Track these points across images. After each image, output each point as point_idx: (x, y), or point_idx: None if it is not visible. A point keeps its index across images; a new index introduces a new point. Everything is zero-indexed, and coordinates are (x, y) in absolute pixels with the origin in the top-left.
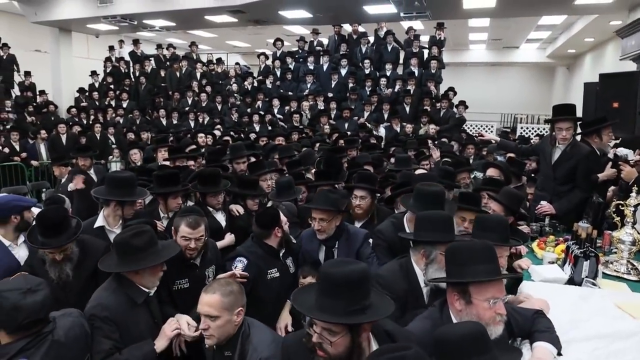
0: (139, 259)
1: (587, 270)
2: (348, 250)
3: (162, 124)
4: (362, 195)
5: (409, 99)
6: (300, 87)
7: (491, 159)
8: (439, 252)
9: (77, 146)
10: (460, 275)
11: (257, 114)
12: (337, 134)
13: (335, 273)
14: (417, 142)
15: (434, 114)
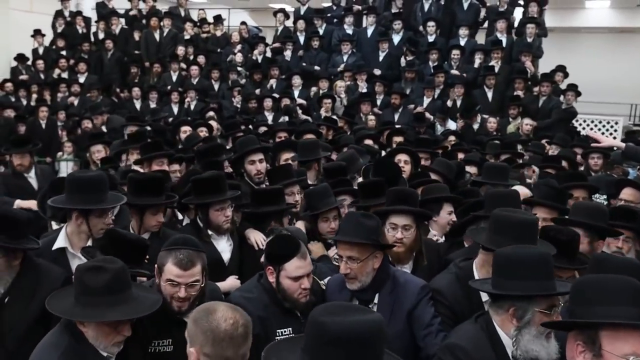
0: (93, 305)
1: None
2: (395, 307)
3: (134, 107)
4: (406, 224)
5: (492, 80)
6: (333, 60)
7: (619, 173)
8: (538, 309)
9: (11, 138)
10: (588, 317)
11: (270, 98)
12: (387, 131)
13: (331, 326)
14: (502, 145)
15: (530, 102)
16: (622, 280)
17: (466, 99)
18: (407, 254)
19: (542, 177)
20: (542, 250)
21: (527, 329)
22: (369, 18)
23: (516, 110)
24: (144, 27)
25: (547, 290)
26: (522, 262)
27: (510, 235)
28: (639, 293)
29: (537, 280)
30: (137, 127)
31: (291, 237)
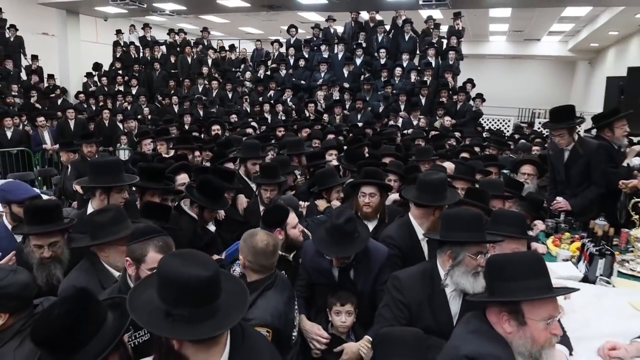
0: (106, 233)
1: (602, 269)
2: (367, 271)
3: (174, 111)
4: (372, 192)
5: (425, 91)
6: (314, 76)
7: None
8: (468, 254)
9: (81, 133)
10: (510, 293)
11: (268, 103)
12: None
13: (163, 267)
14: (436, 137)
15: (450, 106)
16: (528, 256)
17: (408, 104)
18: (373, 214)
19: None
20: (474, 212)
21: (458, 267)
22: (339, 46)
23: (442, 111)
24: (179, 53)
25: (475, 239)
26: (460, 218)
27: (429, 191)
28: (541, 266)
29: (469, 232)
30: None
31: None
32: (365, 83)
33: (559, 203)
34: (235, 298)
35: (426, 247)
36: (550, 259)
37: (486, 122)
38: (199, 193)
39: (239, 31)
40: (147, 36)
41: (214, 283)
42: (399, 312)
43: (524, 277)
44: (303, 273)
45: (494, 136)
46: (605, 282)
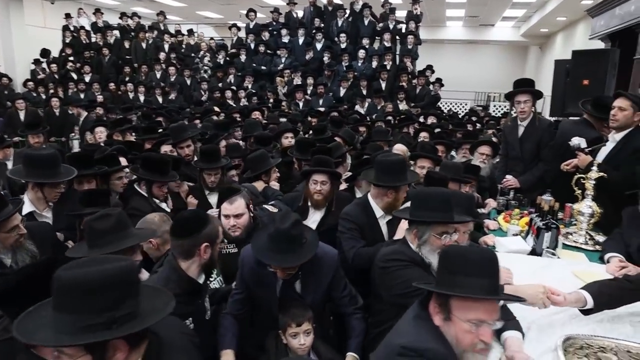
0: (105, 242)
1: (548, 241)
2: (316, 279)
3: (129, 98)
4: (323, 180)
5: (385, 75)
6: (274, 62)
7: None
8: (433, 233)
9: (25, 122)
10: (447, 286)
11: (230, 90)
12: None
13: (61, 276)
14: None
15: (411, 90)
16: (480, 252)
17: (369, 88)
18: (323, 202)
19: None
20: (445, 191)
21: (424, 246)
22: (299, 31)
23: (402, 95)
24: (133, 38)
25: (437, 218)
26: (428, 197)
27: (388, 172)
28: (491, 265)
29: (436, 211)
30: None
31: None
32: (327, 69)
33: (508, 181)
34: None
35: (385, 226)
36: (501, 234)
37: (444, 105)
38: (144, 169)
39: (197, 15)
40: (98, 22)
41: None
42: (357, 234)
43: (469, 274)
44: (240, 286)
45: (452, 119)
46: (551, 253)
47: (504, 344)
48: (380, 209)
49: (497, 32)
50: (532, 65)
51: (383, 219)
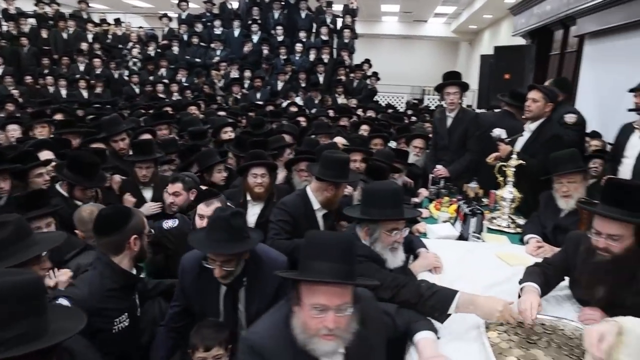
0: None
1: (474, 226)
2: (262, 287)
3: (48, 92)
4: (262, 172)
5: (322, 69)
6: (209, 54)
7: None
8: (384, 230)
9: None
10: (299, 270)
11: (162, 83)
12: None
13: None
14: (338, 110)
15: (348, 84)
16: (333, 237)
17: (308, 82)
18: (264, 194)
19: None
20: (394, 187)
21: (376, 243)
22: (234, 22)
23: (340, 89)
24: (52, 27)
25: (387, 215)
26: (376, 194)
27: (332, 167)
28: (341, 249)
29: (384, 208)
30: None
31: None
32: (265, 62)
33: (438, 170)
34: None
35: (321, 219)
36: (432, 222)
37: (382, 99)
38: (70, 170)
39: (124, 4)
40: (9, 9)
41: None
42: (287, 226)
43: (318, 258)
44: (179, 297)
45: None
46: (476, 237)
47: (417, 347)
48: (318, 202)
49: (430, 28)
50: (463, 60)
51: (319, 212)
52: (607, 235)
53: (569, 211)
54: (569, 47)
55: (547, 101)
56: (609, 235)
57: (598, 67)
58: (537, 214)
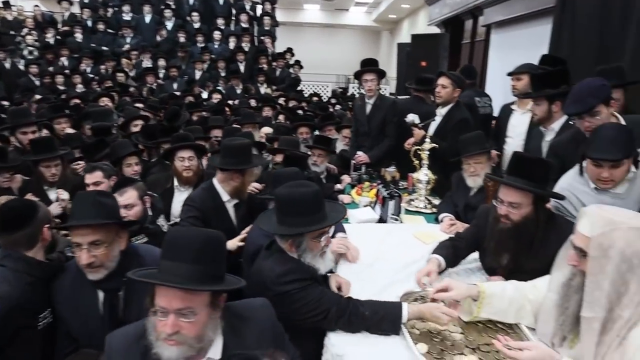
0: None
1: (393, 209)
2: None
3: None
4: (190, 155)
5: (242, 57)
6: (118, 42)
7: None
8: (311, 238)
9: None
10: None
11: (62, 74)
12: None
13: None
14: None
15: (271, 73)
16: (185, 234)
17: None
18: (194, 177)
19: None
20: (309, 191)
21: (305, 253)
22: (145, 7)
23: (263, 78)
24: None
25: (316, 226)
26: (293, 202)
27: (234, 156)
28: (188, 249)
29: (307, 216)
30: None
31: None
32: (181, 50)
33: (359, 157)
34: None
35: (232, 209)
36: (354, 207)
37: (307, 88)
38: None
39: None
40: None
41: None
42: (198, 222)
43: (171, 258)
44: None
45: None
46: (394, 219)
47: None
48: (227, 193)
49: (352, 17)
50: (385, 49)
51: (230, 203)
52: (508, 203)
53: (477, 190)
54: (478, 36)
55: (455, 87)
56: (510, 203)
57: (503, 54)
58: (450, 194)
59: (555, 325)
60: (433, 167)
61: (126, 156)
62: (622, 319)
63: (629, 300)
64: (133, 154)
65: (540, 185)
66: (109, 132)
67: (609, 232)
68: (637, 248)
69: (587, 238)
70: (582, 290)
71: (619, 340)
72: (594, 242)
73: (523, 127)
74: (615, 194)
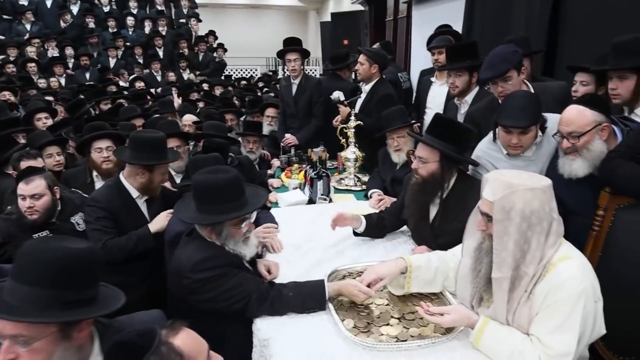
0: None
1: (322, 189)
2: None
3: None
4: (108, 145)
5: (160, 41)
6: (16, 29)
7: None
8: (231, 226)
9: None
10: None
11: None
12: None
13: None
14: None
15: (193, 58)
16: (38, 252)
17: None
18: (114, 168)
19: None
20: (228, 177)
21: (228, 240)
22: None
23: (184, 63)
24: None
25: (236, 214)
26: (209, 189)
27: (144, 149)
28: (32, 268)
29: (226, 202)
30: None
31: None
32: (90, 36)
33: (287, 139)
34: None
35: (145, 205)
36: (284, 190)
37: (233, 72)
38: None
39: None
40: None
41: None
42: (107, 222)
43: (13, 276)
44: None
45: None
46: (323, 199)
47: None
48: (136, 190)
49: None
50: (313, 29)
51: (140, 199)
52: (419, 158)
53: (403, 163)
54: (400, 13)
55: (372, 63)
56: (419, 157)
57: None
58: (378, 170)
59: (472, 288)
60: (360, 144)
61: (45, 146)
62: (528, 275)
63: (531, 257)
64: (53, 144)
65: (451, 147)
66: (17, 123)
67: (509, 194)
68: (534, 207)
69: (491, 203)
70: (491, 252)
71: (527, 295)
72: (496, 206)
73: (441, 99)
74: (526, 158)
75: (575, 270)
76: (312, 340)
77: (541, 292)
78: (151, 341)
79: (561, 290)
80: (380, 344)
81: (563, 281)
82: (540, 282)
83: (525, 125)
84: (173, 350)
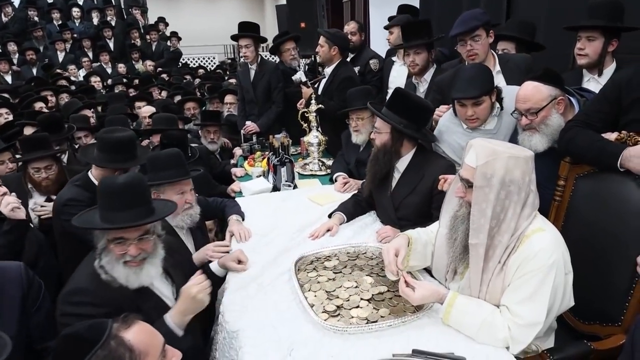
0: None
1: (286, 176)
2: None
3: None
4: (47, 164)
5: (109, 32)
6: None
7: None
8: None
9: None
10: None
11: None
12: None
13: None
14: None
15: (146, 48)
16: None
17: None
18: (54, 185)
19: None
20: (131, 178)
21: (105, 257)
22: None
23: (137, 54)
24: None
25: (108, 223)
26: (112, 194)
27: (114, 151)
28: None
29: (104, 210)
30: None
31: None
32: (34, 29)
33: (248, 127)
34: None
35: None
36: (248, 179)
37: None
38: None
39: None
40: None
41: None
42: None
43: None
44: None
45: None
46: (287, 186)
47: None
48: None
49: None
50: (270, 14)
51: None
52: (375, 129)
53: (366, 144)
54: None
55: (332, 45)
56: (376, 128)
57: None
58: (342, 153)
59: (447, 258)
60: (323, 128)
61: None
62: (502, 244)
63: (506, 227)
64: (4, 151)
65: (405, 120)
66: None
67: (492, 161)
68: (514, 176)
69: (473, 169)
70: (467, 219)
71: (500, 266)
72: (478, 172)
73: (402, 79)
74: (486, 131)
75: (548, 242)
76: (282, 328)
77: (514, 264)
78: (100, 335)
79: (533, 261)
80: (351, 326)
81: (535, 253)
82: (514, 253)
83: (476, 95)
84: (123, 344)
